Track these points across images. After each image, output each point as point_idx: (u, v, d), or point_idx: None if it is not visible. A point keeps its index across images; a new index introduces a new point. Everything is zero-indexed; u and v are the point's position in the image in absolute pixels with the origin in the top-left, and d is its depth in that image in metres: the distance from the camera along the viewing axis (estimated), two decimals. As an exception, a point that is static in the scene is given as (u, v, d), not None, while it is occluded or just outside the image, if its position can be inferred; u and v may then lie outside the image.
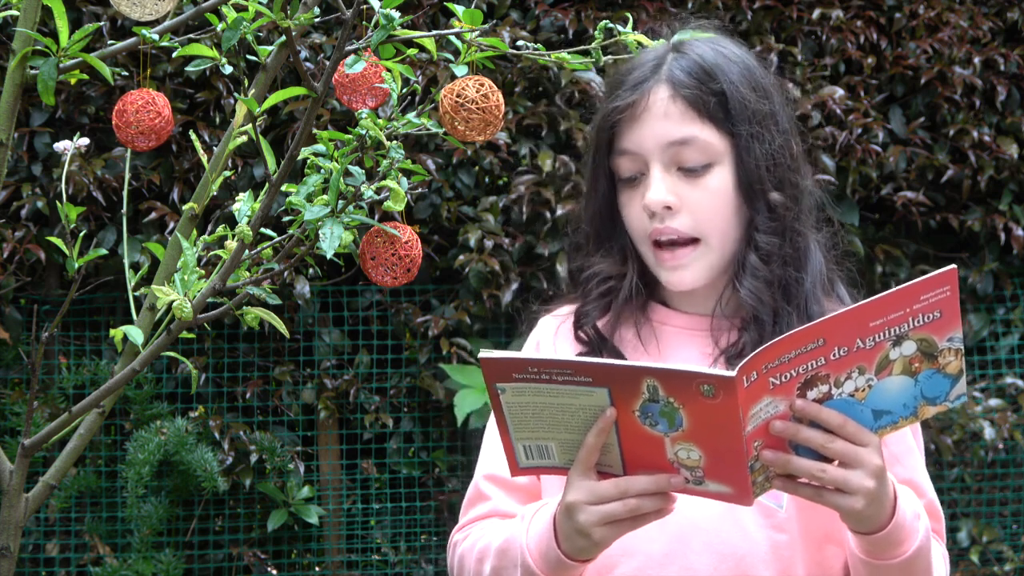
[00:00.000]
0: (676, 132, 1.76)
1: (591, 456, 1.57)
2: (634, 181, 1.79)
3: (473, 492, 1.85)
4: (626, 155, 1.79)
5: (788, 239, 1.78)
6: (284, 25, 1.71)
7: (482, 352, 1.53)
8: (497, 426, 1.59)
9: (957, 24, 4.64)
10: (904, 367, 1.55)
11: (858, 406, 1.55)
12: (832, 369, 1.53)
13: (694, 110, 1.76)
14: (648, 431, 1.52)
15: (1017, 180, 4.66)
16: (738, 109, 1.77)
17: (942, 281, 1.52)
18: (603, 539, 1.60)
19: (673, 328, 1.83)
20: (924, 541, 1.66)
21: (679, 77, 1.77)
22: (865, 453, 1.55)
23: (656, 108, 1.77)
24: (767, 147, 1.77)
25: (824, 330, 1.50)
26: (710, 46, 1.82)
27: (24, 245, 4.03)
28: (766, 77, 1.83)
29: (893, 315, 1.52)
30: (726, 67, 1.79)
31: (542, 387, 1.52)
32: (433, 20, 4.26)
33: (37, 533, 4.19)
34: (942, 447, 4.45)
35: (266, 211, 1.78)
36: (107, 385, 1.89)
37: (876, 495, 1.57)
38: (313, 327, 4.33)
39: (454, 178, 4.29)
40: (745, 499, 1.55)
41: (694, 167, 1.76)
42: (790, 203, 1.79)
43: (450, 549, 1.84)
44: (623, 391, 1.51)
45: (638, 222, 1.79)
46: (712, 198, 1.77)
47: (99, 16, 4.03)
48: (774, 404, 1.52)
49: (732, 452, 1.50)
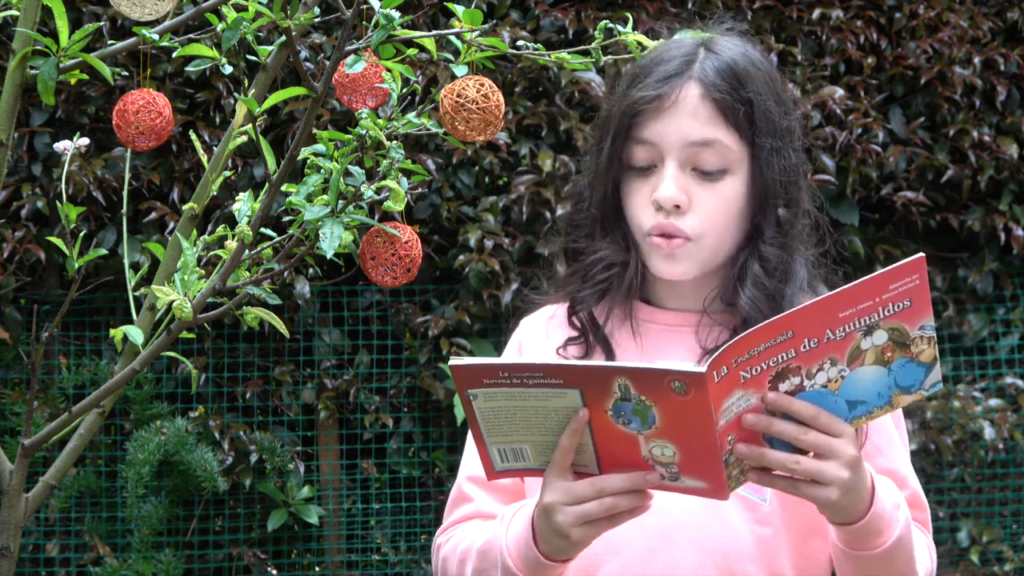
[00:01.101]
0: (700, 133, 1.76)
1: (566, 457, 1.57)
2: (645, 171, 1.78)
3: (456, 494, 1.86)
4: (644, 145, 1.78)
5: (787, 254, 1.79)
6: (284, 25, 1.71)
7: (452, 360, 1.53)
8: (472, 431, 1.59)
9: (957, 24, 4.64)
10: (876, 357, 1.55)
11: (831, 397, 1.55)
12: (803, 361, 1.53)
13: (721, 114, 1.76)
14: (622, 430, 1.53)
15: (1017, 180, 4.66)
16: (763, 121, 1.77)
17: (910, 270, 1.52)
18: (581, 539, 1.60)
19: (658, 325, 1.84)
20: (904, 531, 1.66)
21: (712, 78, 1.76)
22: (839, 444, 1.55)
23: (685, 105, 1.76)
24: (784, 163, 1.78)
25: (793, 322, 1.50)
26: (740, 50, 1.81)
27: (24, 245, 4.03)
28: (786, 91, 1.83)
29: (862, 305, 1.52)
30: (755, 76, 1.78)
31: (514, 391, 1.53)
32: (433, 20, 4.26)
33: (37, 533, 4.19)
34: (942, 447, 4.45)
35: (266, 211, 1.78)
36: (107, 385, 1.89)
37: (852, 485, 1.57)
38: (313, 327, 4.33)
39: (454, 178, 4.29)
40: (721, 493, 1.55)
41: (710, 171, 1.76)
42: (793, 220, 1.80)
43: (434, 551, 1.85)
44: (595, 391, 1.51)
45: (642, 212, 1.78)
46: (721, 204, 1.77)
47: (99, 16, 4.03)
48: (746, 398, 1.52)
49: (706, 447, 1.51)
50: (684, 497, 1.59)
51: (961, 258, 4.73)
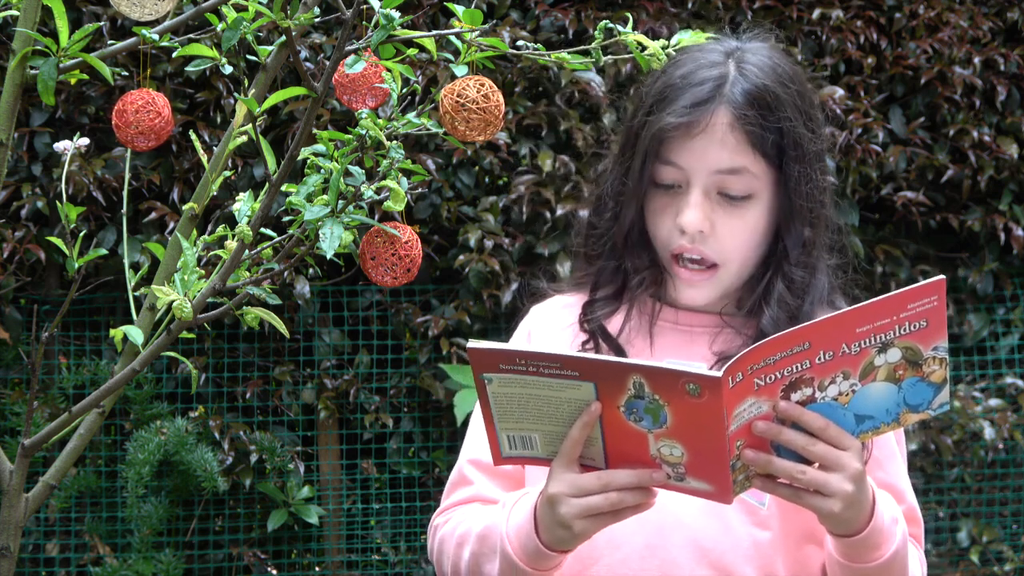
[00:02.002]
0: (728, 161, 1.75)
1: (575, 449, 1.58)
2: (670, 189, 1.78)
3: (456, 476, 1.86)
4: (671, 166, 1.77)
5: (811, 271, 1.79)
6: (284, 25, 1.71)
7: (470, 342, 1.54)
8: (482, 415, 1.60)
9: (957, 24, 4.64)
10: (888, 374, 1.56)
11: (841, 410, 1.57)
12: (817, 373, 1.54)
13: (750, 143, 1.75)
14: (632, 426, 1.53)
15: (1017, 180, 4.66)
16: (792, 148, 1.76)
17: (930, 291, 1.53)
18: (583, 531, 1.60)
19: (678, 327, 1.84)
20: (901, 546, 1.67)
21: (742, 105, 1.74)
22: (845, 457, 1.57)
23: (714, 133, 1.75)
24: (811, 186, 1.77)
25: (810, 334, 1.51)
26: (770, 64, 1.78)
27: (24, 245, 4.03)
28: (815, 106, 1.81)
29: (880, 322, 1.53)
30: (785, 99, 1.76)
31: (529, 379, 1.53)
32: (433, 20, 4.26)
33: (37, 533, 4.19)
34: (942, 447, 4.45)
35: (266, 211, 1.78)
36: (107, 385, 1.89)
37: (854, 499, 1.58)
38: (313, 327, 4.33)
39: (454, 178, 4.29)
40: (725, 497, 1.56)
41: (736, 196, 1.76)
42: (818, 238, 1.80)
43: (430, 532, 1.85)
44: (609, 386, 1.52)
45: (666, 233, 1.78)
46: (745, 228, 1.77)
47: (99, 16, 4.03)
48: (758, 405, 1.53)
49: (714, 451, 1.52)
50: (684, 497, 1.60)
51: (961, 258, 4.73)
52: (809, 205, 1.77)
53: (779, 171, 1.76)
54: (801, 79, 1.81)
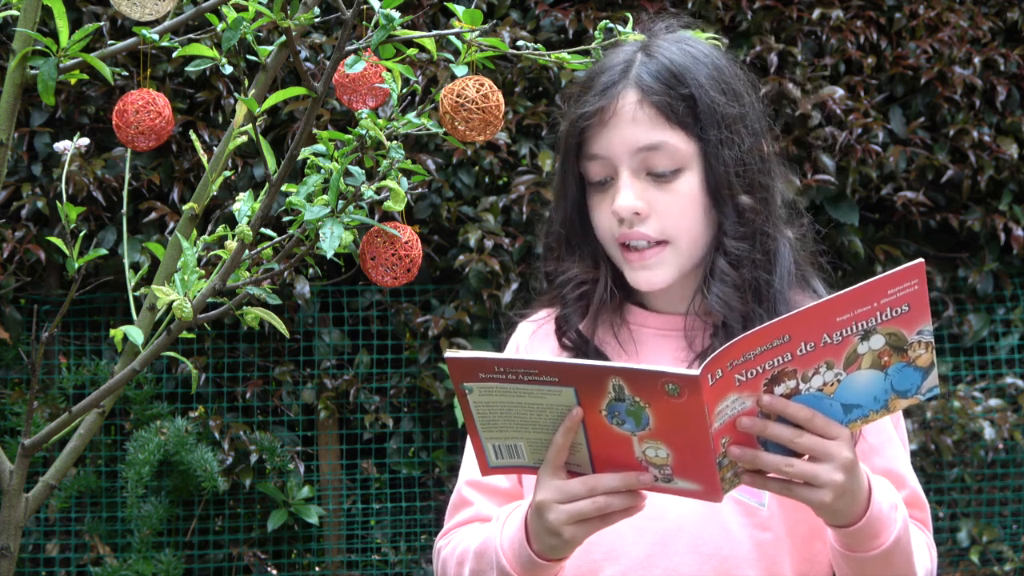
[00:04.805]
0: (645, 138, 1.76)
1: (560, 455, 1.57)
2: (603, 185, 1.79)
3: (456, 498, 1.86)
4: (595, 160, 1.79)
5: (758, 242, 1.77)
6: (284, 25, 1.71)
7: (448, 352, 1.53)
8: (467, 426, 1.60)
9: (957, 24, 4.64)
10: (873, 361, 1.55)
11: (827, 400, 1.55)
12: (799, 364, 1.53)
13: (663, 116, 1.75)
14: (615, 430, 1.53)
15: (1017, 180, 4.66)
16: (707, 114, 1.76)
17: (910, 275, 1.52)
18: (573, 537, 1.60)
19: (650, 330, 1.83)
20: (902, 532, 1.65)
21: (647, 82, 1.76)
22: (834, 446, 1.55)
23: (624, 113, 1.76)
24: (736, 151, 1.76)
25: (789, 326, 1.50)
26: (678, 46, 1.80)
27: (24, 245, 4.03)
28: (736, 77, 1.81)
29: (860, 310, 1.52)
30: (695, 69, 1.77)
31: (509, 387, 1.53)
32: (433, 20, 4.26)
33: (37, 533, 4.19)
34: (942, 447, 4.45)
35: (266, 211, 1.78)
36: (107, 385, 1.89)
37: (846, 488, 1.56)
38: (313, 327, 4.33)
39: (454, 178, 4.29)
40: (714, 496, 1.55)
41: (663, 172, 1.76)
42: (759, 206, 1.78)
43: (435, 555, 1.86)
44: (589, 391, 1.51)
45: (607, 226, 1.79)
46: (681, 203, 1.76)
47: (99, 16, 4.03)
48: (741, 400, 1.52)
49: (699, 450, 1.51)
50: (683, 503, 1.59)
51: (961, 258, 4.73)
52: (737, 170, 1.76)
53: (701, 142, 1.76)
54: (716, 55, 1.81)
